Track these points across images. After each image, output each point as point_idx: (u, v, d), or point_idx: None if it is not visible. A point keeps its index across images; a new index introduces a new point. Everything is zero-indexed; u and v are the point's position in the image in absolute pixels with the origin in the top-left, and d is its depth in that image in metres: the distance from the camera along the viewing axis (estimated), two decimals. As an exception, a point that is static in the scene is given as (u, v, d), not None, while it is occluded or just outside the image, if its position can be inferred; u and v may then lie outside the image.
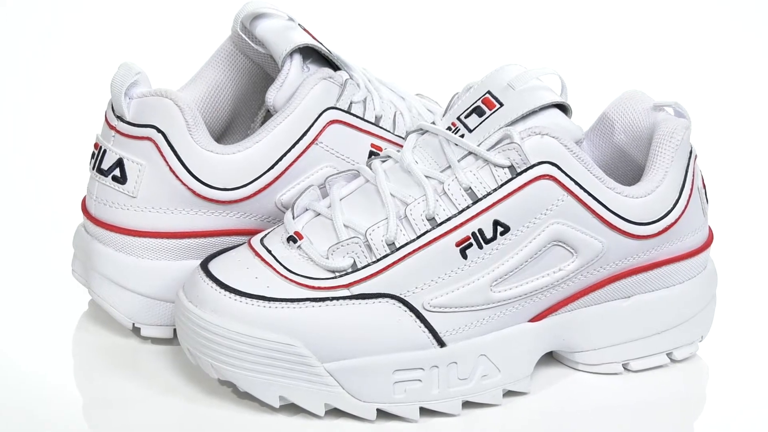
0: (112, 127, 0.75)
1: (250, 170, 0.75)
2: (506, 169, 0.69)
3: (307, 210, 0.72)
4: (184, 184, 0.74)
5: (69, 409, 0.71)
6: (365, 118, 0.78)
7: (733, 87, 1.26)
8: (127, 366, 0.74)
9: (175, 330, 0.74)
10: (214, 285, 0.68)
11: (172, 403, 0.71)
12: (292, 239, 0.70)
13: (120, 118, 0.74)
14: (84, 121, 0.97)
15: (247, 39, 0.79)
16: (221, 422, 0.69)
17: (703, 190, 0.76)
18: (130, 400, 0.71)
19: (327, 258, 0.69)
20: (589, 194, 0.70)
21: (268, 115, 0.82)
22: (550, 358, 0.76)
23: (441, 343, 0.69)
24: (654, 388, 0.74)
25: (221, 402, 0.70)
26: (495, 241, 0.69)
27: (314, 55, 0.79)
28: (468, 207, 0.69)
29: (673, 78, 1.26)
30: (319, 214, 0.71)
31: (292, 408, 0.69)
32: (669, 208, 0.72)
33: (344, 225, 0.70)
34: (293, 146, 0.76)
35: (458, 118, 0.71)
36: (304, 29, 0.79)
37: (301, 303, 0.67)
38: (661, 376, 0.75)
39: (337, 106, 0.77)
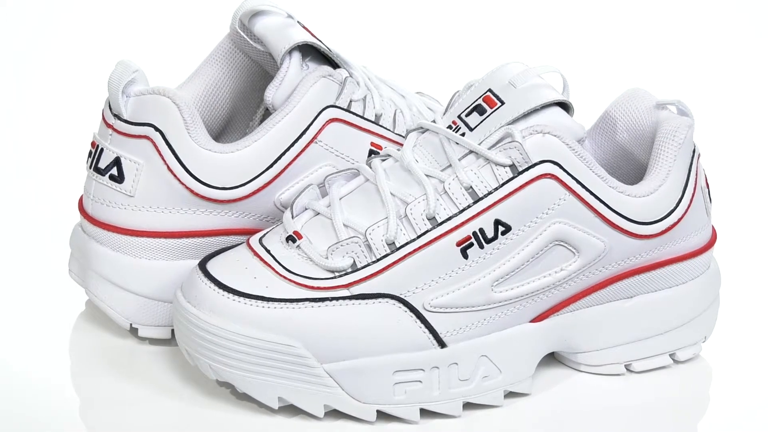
0: (109, 126, 0.74)
1: (249, 169, 0.75)
2: (507, 168, 0.69)
3: (306, 209, 0.72)
4: (182, 183, 0.74)
5: (66, 410, 0.71)
6: (365, 116, 0.78)
7: (736, 85, 1.26)
8: (125, 367, 0.74)
9: (173, 330, 0.74)
10: (212, 285, 0.68)
11: (169, 404, 0.70)
12: (291, 239, 0.70)
13: (117, 117, 0.74)
14: (81, 120, 0.97)
15: (245, 36, 0.79)
16: (220, 423, 0.69)
17: (707, 189, 0.75)
18: (127, 401, 0.71)
19: (326, 258, 0.69)
20: (591, 193, 0.69)
21: (267, 113, 0.82)
22: (552, 359, 0.75)
23: (441, 344, 0.69)
24: (657, 389, 0.74)
25: (220, 403, 0.70)
26: (496, 241, 0.68)
27: (313, 52, 0.78)
28: (469, 206, 0.68)
29: (676, 76, 1.26)
30: (319, 213, 0.71)
31: (291, 409, 0.68)
32: (672, 208, 0.72)
33: (344, 224, 0.69)
34: (292, 145, 0.75)
35: (459, 117, 0.71)
36: (303, 27, 0.79)
37: (300, 303, 0.67)
38: (663, 377, 0.75)
39: (337, 104, 0.76)
